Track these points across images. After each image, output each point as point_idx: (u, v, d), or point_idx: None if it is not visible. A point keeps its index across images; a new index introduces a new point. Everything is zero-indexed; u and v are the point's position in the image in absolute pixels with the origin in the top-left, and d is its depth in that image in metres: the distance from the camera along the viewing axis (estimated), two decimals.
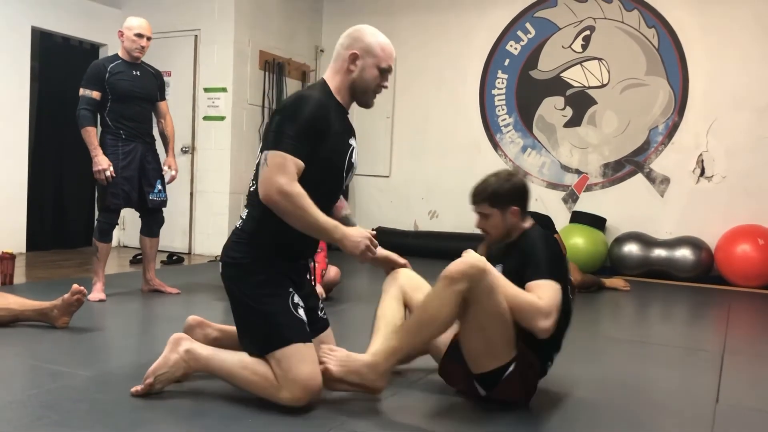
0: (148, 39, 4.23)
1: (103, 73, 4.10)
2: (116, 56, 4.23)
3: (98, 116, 4.19)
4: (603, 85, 6.58)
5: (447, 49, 7.22)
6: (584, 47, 6.63)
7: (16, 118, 6.12)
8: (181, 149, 6.84)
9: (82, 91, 4.11)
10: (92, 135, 4.05)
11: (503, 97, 6.98)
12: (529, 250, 2.28)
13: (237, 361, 2.23)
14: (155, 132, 4.44)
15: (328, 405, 2.28)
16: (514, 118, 6.95)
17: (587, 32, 6.63)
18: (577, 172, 6.72)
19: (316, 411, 2.21)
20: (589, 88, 6.63)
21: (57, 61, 6.64)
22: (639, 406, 2.50)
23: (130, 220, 6.73)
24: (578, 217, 6.42)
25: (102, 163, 4.03)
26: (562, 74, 6.72)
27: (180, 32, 6.80)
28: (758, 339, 4.11)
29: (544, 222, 5.87)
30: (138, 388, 2.27)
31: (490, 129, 7.05)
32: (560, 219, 6.27)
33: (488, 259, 2.23)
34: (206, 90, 6.82)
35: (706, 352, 3.47)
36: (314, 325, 2.38)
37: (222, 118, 6.75)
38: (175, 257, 6.15)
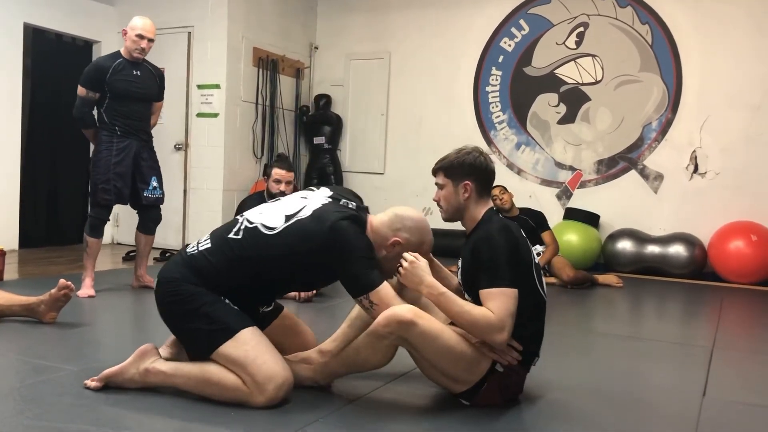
0: (150, 41, 4.23)
1: (104, 73, 4.13)
2: (118, 54, 4.25)
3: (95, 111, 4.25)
4: (597, 82, 6.57)
5: (441, 45, 7.20)
6: (578, 44, 6.63)
7: (9, 115, 6.10)
8: (175, 146, 6.83)
9: (82, 91, 4.15)
10: (93, 136, 4.28)
11: (497, 93, 6.97)
12: (484, 249, 2.17)
13: (201, 374, 2.20)
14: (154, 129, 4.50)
15: (311, 397, 2.28)
16: (508, 115, 6.94)
17: (581, 29, 6.62)
18: (571, 168, 6.71)
19: (298, 404, 2.20)
20: (583, 84, 6.62)
21: (50, 58, 6.61)
22: (625, 400, 2.50)
23: (124, 217, 6.73)
24: (572, 214, 6.42)
25: None
26: (555, 71, 6.71)
27: (173, 29, 6.78)
28: (748, 335, 4.12)
29: (538, 219, 5.80)
30: (90, 384, 2.28)
31: (484, 126, 7.04)
32: (554, 216, 6.26)
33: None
34: (200, 87, 6.80)
35: (696, 347, 3.47)
36: (261, 322, 2.40)
37: (215, 115, 6.73)
38: (168, 254, 6.13)
